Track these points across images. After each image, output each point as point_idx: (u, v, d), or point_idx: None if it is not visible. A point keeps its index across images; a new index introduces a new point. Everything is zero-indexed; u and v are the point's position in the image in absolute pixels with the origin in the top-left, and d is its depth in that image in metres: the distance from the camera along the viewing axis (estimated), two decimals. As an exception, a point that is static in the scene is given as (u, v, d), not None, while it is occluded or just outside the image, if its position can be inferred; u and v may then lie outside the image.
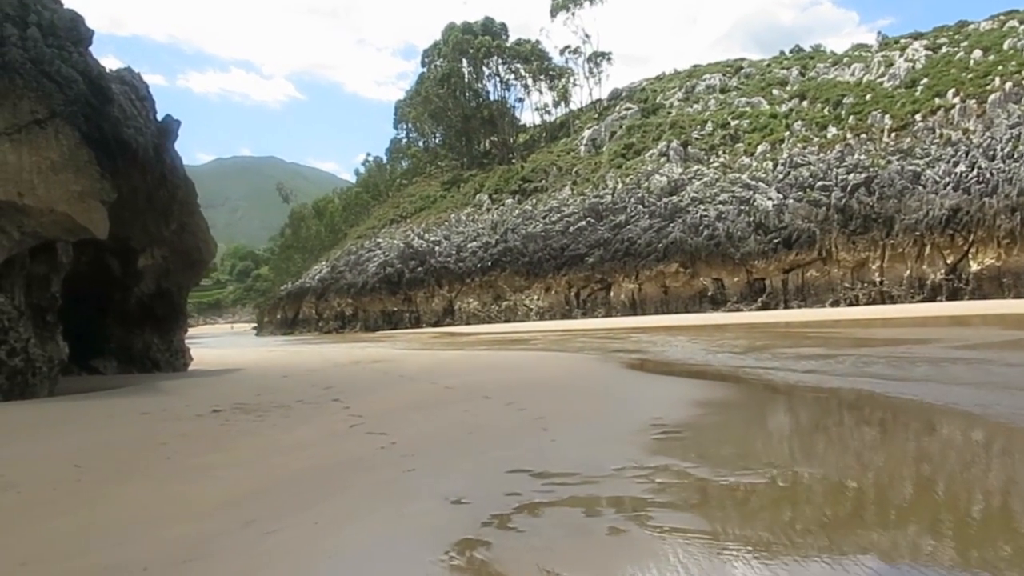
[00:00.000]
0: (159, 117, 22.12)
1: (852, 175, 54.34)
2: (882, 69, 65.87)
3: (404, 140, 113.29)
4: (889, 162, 53.34)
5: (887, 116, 58.40)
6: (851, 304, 50.11)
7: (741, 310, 54.62)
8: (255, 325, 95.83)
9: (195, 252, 22.37)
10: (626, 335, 35.38)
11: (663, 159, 68.99)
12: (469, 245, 74.93)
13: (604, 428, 9.27)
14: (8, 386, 14.56)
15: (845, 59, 73.04)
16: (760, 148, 63.76)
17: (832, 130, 60.92)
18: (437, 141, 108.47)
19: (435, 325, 71.38)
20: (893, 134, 56.54)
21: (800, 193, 56.09)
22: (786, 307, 52.97)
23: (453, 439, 8.83)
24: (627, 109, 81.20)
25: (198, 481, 6.97)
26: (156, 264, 21.75)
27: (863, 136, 57.88)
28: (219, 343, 62.57)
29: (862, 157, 55.46)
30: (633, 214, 65.18)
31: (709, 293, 58.37)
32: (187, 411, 11.64)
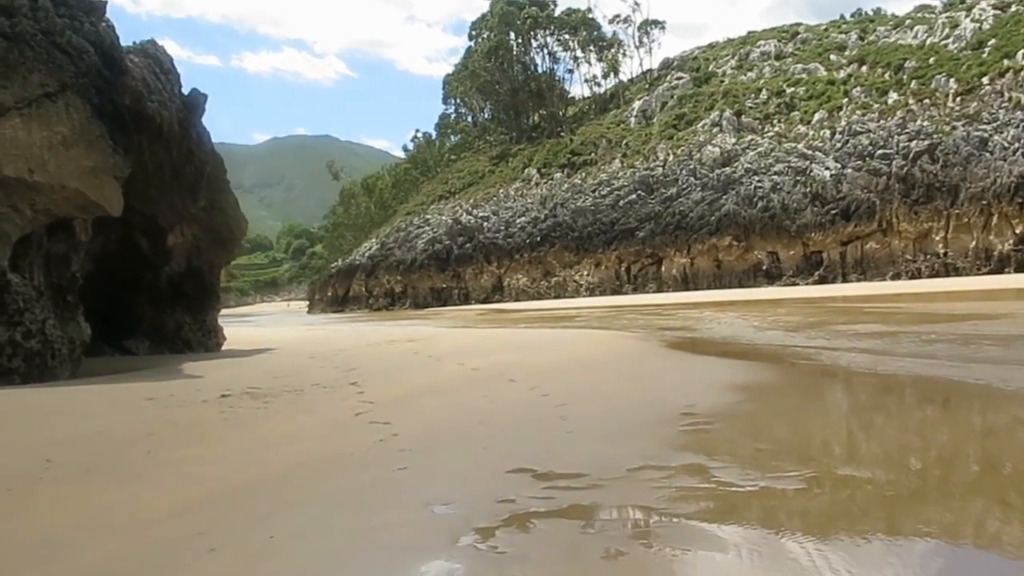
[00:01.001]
0: (207, 96, 21.67)
1: (914, 142, 52.22)
2: (946, 31, 63.10)
3: (453, 115, 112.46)
4: (954, 128, 51.07)
5: (952, 80, 55.90)
6: (913, 277, 48.27)
7: (797, 284, 53.07)
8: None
9: (225, 230, 21.87)
10: (675, 311, 34.30)
11: (715, 129, 67.21)
12: (518, 220, 74.16)
13: (629, 417, 8.40)
14: (25, 369, 14.13)
15: (907, 21, 70.23)
16: (817, 116, 61.67)
17: (893, 96, 58.58)
18: (486, 116, 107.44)
19: (484, 302, 70.85)
20: (958, 99, 54.10)
21: (859, 162, 54.15)
22: (844, 281, 51.30)
23: (461, 429, 8.04)
24: (678, 79, 79.30)
25: (166, 480, 6.28)
26: (186, 242, 21.28)
27: (926, 101, 55.50)
28: (267, 321, 62.85)
29: (925, 123, 53.23)
30: (685, 186, 63.75)
31: (764, 267, 56.87)
32: (195, 396, 11.02)
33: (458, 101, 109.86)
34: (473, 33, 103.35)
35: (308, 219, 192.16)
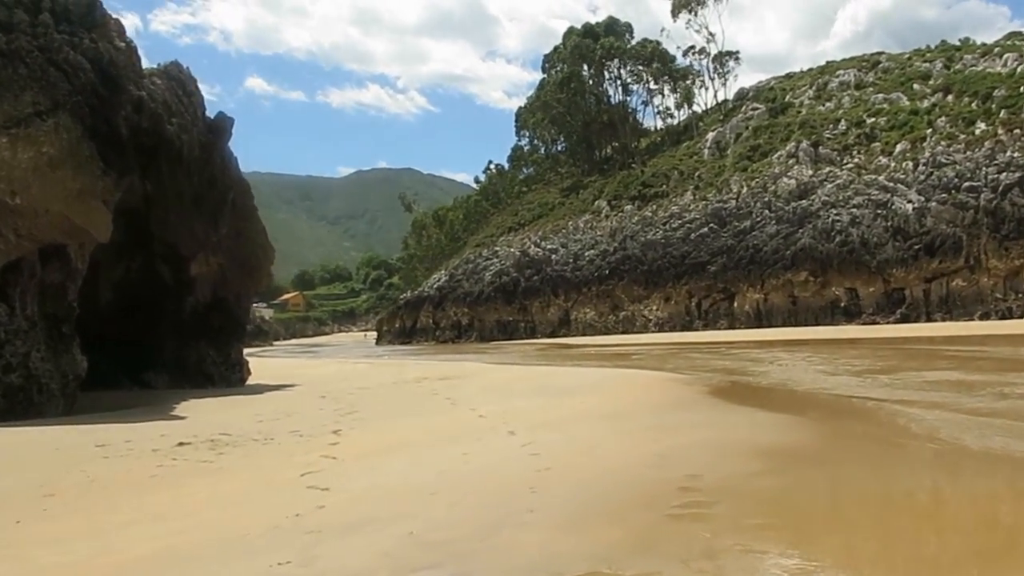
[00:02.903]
0: (233, 120, 20.95)
1: (1004, 174, 49.04)
2: (1038, 59, 59.59)
3: (526, 147, 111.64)
4: (1047, 159, 47.75)
5: (1045, 109, 52.48)
6: (1003, 317, 44.97)
7: (877, 323, 50.15)
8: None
9: (252, 259, 21.00)
10: (739, 350, 32.30)
11: (792, 161, 64.58)
12: (586, 253, 72.57)
13: (614, 490, 6.84)
14: (5, 405, 13.22)
15: (996, 49, 66.60)
16: (899, 147, 58.63)
17: (981, 126, 55.24)
18: (558, 148, 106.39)
19: (550, 336, 69.23)
20: (1052, 128, 50.68)
21: (944, 195, 51.09)
22: (928, 320, 48.19)
23: (403, 503, 6.61)
24: (754, 109, 76.86)
25: (-6, 568, 5.01)
26: (211, 272, 20.42)
27: (1016, 131, 52.08)
28: (329, 352, 62.52)
29: (1015, 154, 49.89)
30: (759, 219, 61.30)
31: (842, 304, 54.01)
32: (150, 444, 9.84)
33: (531, 133, 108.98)
34: (547, 65, 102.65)
35: (390, 251, 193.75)
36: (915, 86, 66.36)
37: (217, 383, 20.34)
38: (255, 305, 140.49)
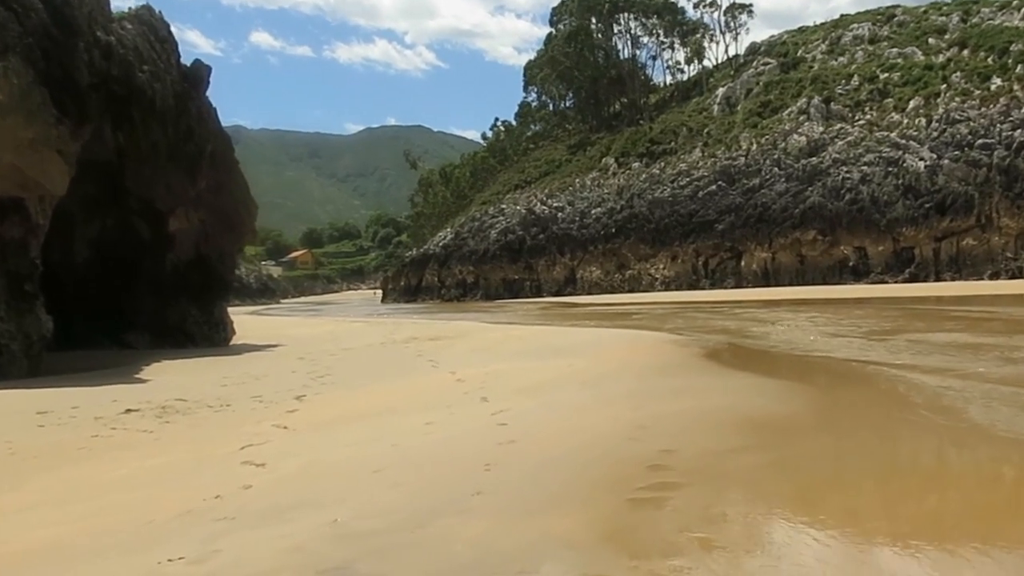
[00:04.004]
0: (210, 68, 20.07)
1: (1019, 131, 47.88)
2: (1058, 12, 57.83)
3: (534, 103, 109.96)
4: (1063, 115, 46.43)
5: (1062, 64, 50.96)
6: (1013, 276, 44.10)
7: (886, 282, 49.34)
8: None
9: (234, 214, 20.24)
10: (742, 309, 31.57)
11: (802, 117, 63.28)
12: (593, 211, 71.65)
13: (581, 468, 6.17)
14: (-39, 367, 12.67)
15: (1015, 2, 64.70)
16: (912, 103, 57.29)
17: (997, 81, 53.83)
18: (566, 104, 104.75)
19: (556, 295, 68.57)
20: (1069, 84, 49.24)
21: (957, 152, 49.94)
22: (937, 279, 47.33)
23: (340, 482, 5.96)
24: (765, 64, 75.25)
25: None
26: (192, 228, 19.72)
27: (1033, 87, 50.72)
28: (332, 311, 62.00)
29: (1032, 110, 48.60)
30: (768, 177, 60.24)
31: (850, 263, 53.18)
32: (95, 411, 9.23)
33: (539, 89, 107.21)
34: (554, 19, 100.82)
35: (400, 209, 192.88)
36: (930, 40, 64.72)
37: (199, 343, 19.74)
38: (264, 263, 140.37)
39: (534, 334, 21.14)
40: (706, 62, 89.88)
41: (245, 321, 31.92)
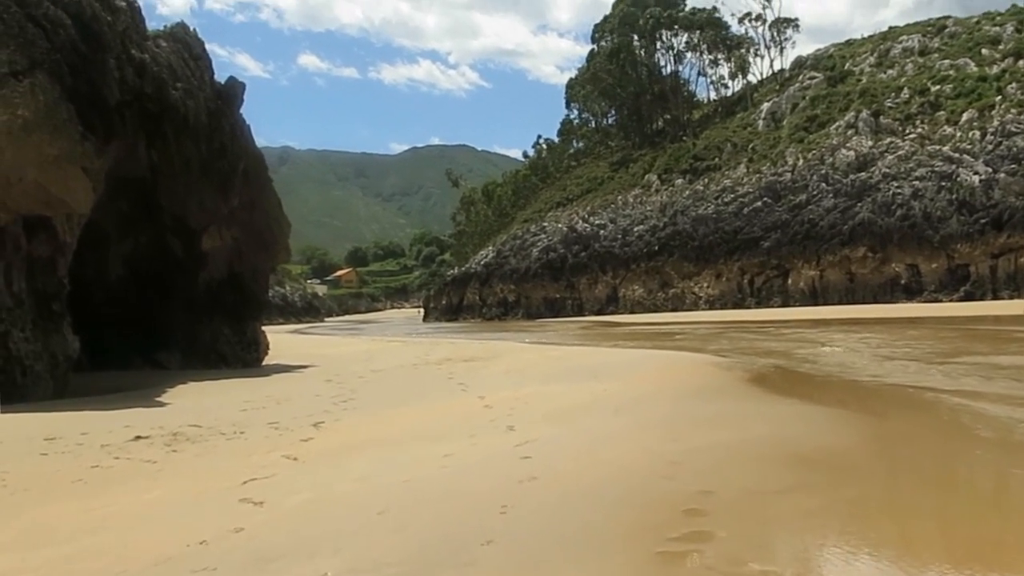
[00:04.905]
0: (244, 85, 19.85)
1: (1079, 143, 46.15)
2: (1119, 21, 55.98)
3: (576, 120, 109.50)
4: None
5: (1124, 74, 49.24)
6: (1077, 295, 42.38)
7: (940, 301, 47.76)
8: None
9: (267, 232, 19.92)
10: (789, 330, 30.58)
11: (851, 132, 61.90)
12: (635, 229, 70.82)
13: (607, 510, 5.56)
14: (-16, 388, 12.37)
15: (1073, 11, 62.93)
16: (965, 116, 55.71)
17: (1055, 92, 52.18)
18: (609, 121, 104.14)
19: (598, 313, 67.78)
20: None
21: (1014, 166, 48.38)
22: (994, 298, 45.72)
23: (339, 525, 5.41)
24: (811, 78, 73.91)
25: None
26: (225, 246, 19.44)
27: (1093, 98, 49.04)
28: (373, 329, 61.86)
29: (1092, 122, 46.93)
30: (815, 193, 58.96)
31: (902, 281, 51.65)
32: (104, 437, 8.81)
33: (580, 106, 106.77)
34: (596, 36, 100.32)
35: (444, 227, 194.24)
36: (984, 51, 63.00)
37: (232, 362, 19.42)
38: (309, 281, 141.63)
39: (570, 355, 20.51)
40: (751, 77, 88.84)
41: (284, 340, 31.77)
